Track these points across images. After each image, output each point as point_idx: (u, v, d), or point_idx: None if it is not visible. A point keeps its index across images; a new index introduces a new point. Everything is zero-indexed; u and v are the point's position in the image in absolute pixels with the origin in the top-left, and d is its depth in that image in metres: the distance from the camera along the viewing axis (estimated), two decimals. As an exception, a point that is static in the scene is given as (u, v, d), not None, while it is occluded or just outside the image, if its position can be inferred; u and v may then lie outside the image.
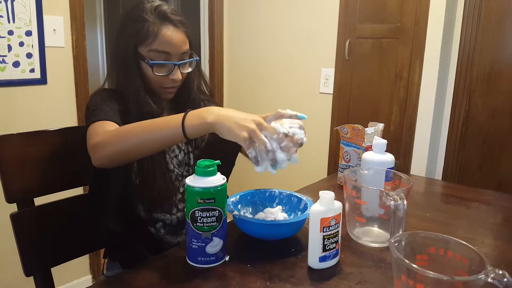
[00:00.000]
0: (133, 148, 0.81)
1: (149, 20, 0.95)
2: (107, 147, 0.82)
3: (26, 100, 1.77)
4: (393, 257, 0.60)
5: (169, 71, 0.98)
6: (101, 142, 0.83)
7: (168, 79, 0.99)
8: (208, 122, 0.76)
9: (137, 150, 0.82)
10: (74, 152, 1.05)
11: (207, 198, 0.73)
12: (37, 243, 0.98)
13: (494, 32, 1.78)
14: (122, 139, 0.81)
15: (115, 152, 0.81)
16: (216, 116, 0.76)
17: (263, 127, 0.76)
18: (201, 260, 0.76)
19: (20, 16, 1.70)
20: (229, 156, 1.16)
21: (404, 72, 1.98)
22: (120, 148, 0.81)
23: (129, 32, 0.96)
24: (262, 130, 0.76)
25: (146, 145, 0.81)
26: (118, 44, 1.00)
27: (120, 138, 0.82)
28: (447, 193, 1.27)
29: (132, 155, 0.84)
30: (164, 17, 0.96)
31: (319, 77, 2.30)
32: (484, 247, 0.87)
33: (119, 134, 0.82)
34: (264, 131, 0.76)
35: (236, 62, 2.68)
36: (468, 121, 1.89)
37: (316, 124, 2.35)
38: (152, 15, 0.96)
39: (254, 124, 0.75)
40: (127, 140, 0.81)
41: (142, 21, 0.95)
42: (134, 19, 0.96)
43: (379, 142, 0.99)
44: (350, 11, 2.11)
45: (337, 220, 0.75)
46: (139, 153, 0.84)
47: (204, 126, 0.77)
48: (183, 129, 0.77)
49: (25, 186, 0.97)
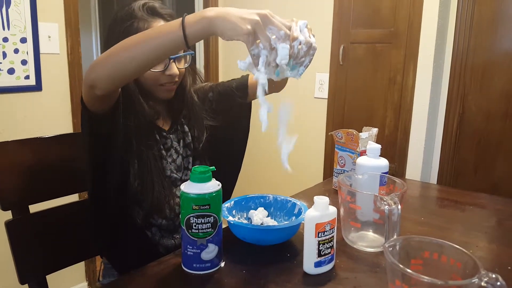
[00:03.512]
0: (133, 58, 0.74)
1: (138, 17, 0.93)
2: (107, 62, 0.76)
3: (21, 107, 1.77)
4: (387, 262, 0.60)
5: (164, 67, 0.95)
6: (98, 60, 0.77)
7: (164, 75, 0.96)
8: (208, 16, 0.69)
9: (137, 61, 0.75)
10: (69, 159, 1.05)
11: (202, 205, 0.73)
12: (32, 251, 0.98)
13: (487, 35, 1.80)
14: (120, 50, 0.75)
15: (116, 65, 0.75)
16: (216, 11, 0.70)
17: (269, 20, 0.70)
18: (196, 266, 0.75)
19: (15, 23, 1.70)
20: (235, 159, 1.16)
21: (398, 76, 2.00)
22: (119, 60, 0.75)
23: (118, 32, 0.93)
24: (268, 24, 0.70)
25: (145, 53, 0.74)
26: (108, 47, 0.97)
27: (118, 50, 0.76)
28: (442, 197, 1.28)
29: (132, 67, 0.76)
30: (153, 12, 0.94)
31: (313, 82, 2.31)
32: (479, 251, 0.88)
33: (117, 46, 0.76)
34: (270, 25, 0.70)
35: (231, 67, 2.69)
36: (462, 124, 1.91)
37: (311, 128, 2.36)
38: (140, 11, 0.94)
39: (258, 16, 0.69)
40: (126, 50, 0.75)
41: (131, 18, 0.93)
42: (122, 19, 0.94)
43: (373, 147, 1.00)
44: (344, 16, 2.13)
45: (332, 225, 0.75)
46: (139, 64, 0.76)
47: (203, 22, 0.70)
48: (183, 29, 0.70)
49: (20, 193, 0.96)
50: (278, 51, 0.69)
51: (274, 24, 0.70)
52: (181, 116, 1.08)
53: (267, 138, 2.56)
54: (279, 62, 0.70)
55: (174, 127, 1.06)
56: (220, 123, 1.12)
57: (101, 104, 0.85)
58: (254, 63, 0.71)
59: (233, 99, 1.13)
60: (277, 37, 0.70)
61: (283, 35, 0.70)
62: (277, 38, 0.69)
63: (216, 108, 1.14)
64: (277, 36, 0.70)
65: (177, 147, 1.05)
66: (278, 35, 0.70)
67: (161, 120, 1.05)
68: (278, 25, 0.70)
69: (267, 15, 0.70)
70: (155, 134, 1.01)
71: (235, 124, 1.17)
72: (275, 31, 0.70)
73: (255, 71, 0.72)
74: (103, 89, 0.78)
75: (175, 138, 1.05)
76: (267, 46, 0.69)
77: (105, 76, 0.76)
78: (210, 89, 1.15)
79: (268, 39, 0.69)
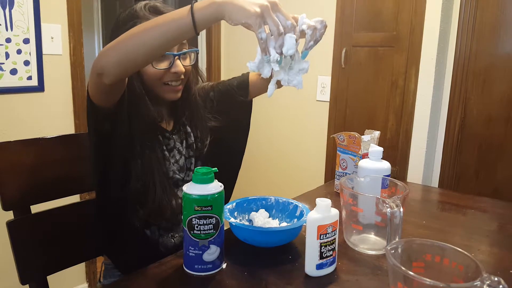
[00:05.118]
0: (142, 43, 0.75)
1: (140, 16, 0.93)
2: (116, 48, 0.76)
3: (23, 108, 1.78)
4: (389, 264, 0.60)
5: (170, 64, 0.94)
6: (107, 47, 0.77)
7: (169, 73, 0.95)
8: (217, 1, 0.70)
9: (146, 47, 0.75)
10: (71, 160, 1.06)
11: (204, 206, 0.73)
12: (33, 251, 0.98)
13: (489, 40, 1.80)
14: (129, 37, 0.75)
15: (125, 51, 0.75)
16: None
17: (278, 8, 0.70)
18: (198, 268, 0.75)
19: (18, 24, 1.71)
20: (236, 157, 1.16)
21: (400, 80, 2.00)
22: (129, 46, 0.75)
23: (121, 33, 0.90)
24: (276, 11, 0.70)
25: (155, 39, 0.74)
26: None
27: (127, 36, 0.76)
28: (443, 200, 1.28)
29: (141, 53, 0.76)
30: (156, 11, 0.94)
31: (315, 85, 2.31)
32: (480, 254, 0.87)
33: (126, 33, 0.76)
34: (278, 12, 0.70)
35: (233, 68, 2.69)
36: (463, 128, 1.91)
37: (313, 131, 2.36)
38: (142, 11, 0.94)
39: (267, 1, 0.69)
40: (136, 36, 0.75)
41: (134, 18, 0.93)
42: (125, 20, 0.94)
43: (375, 150, 1.00)
44: (346, 19, 2.13)
45: (334, 227, 0.75)
46: (148, 50, 0.76)
47: (212, 7, 0.70)
48: (192, 14, 0.71)
49: (22, 193, 0.96)
50: (285, 41, 0.70)
51: (282, 12, 0.71)
52: (184, 117, 1.08)
53: (268, 140, 2.57)
54: (286, 52, 0.70)
55: (177, 128, 1.06)
56: (222, 123, 1.12)
57: (106, 97, 0.85)
58: (261, 48, 0.71)
59: (235, 97, 1.13)
60: (284, 26, 0.70)
61: (289, 25, 0.71)
62: (284, 27, 0.70)
63: (218, 107, 1.14)
64: (284, 26, 0.70)
65: (180, 148, 1.05)
66: (285, 24, 0.70)
67: (164, 121, 1.05)
68: (286, 14, 0.71)
69: (276, 2, 0.70)
70: (158, 135, 1.01)
71: (236, 123, 1.17)
72: (283, 20, 0.70)
73: (266, 70, 0.73)
74: (111, 77, 0.78)
75: (178, 138, 1.06)
76: (275, 30, 0.69)
77: (114, 63, 0.76)
78: (211, 89, 1.15)
79: (277, 23, 0.69)
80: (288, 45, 0.70)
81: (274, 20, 0.69)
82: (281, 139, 2.51)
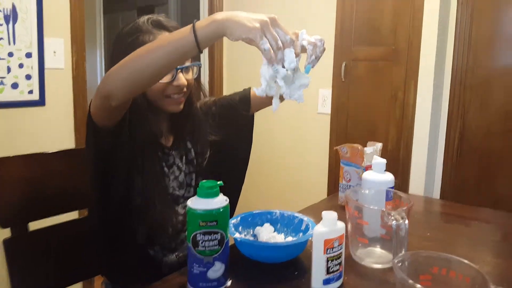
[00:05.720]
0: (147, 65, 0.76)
1: (143, 30, 0.93)
2: (122, 71, 0.77)
3: (24, 122, 1.78)
4: (397, 278, 0.60)
5: (172, 77, 0.95)
6: (112, 70, 0.78)
7: (171, 86, 0.95)
8: (218, 19, 0.71)
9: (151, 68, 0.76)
10: (71, 175, 1.04)
11: (210, 221, 0.71)
12: (29, 270, 0.95)
13: (485, 53, 1.83)
14: (134, 59, 0.76)
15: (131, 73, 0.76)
16: (225, 14, 0.72)
17: (277, 23, 0.72)
18: (202, 285, 0.74)
19: (21, 38, 1.72)
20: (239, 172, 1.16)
21: (400, 93, 2.01)
22: (134, 68, 0.76)
23: (124, 46, 0.93)
24: (276, 27, 0.72)
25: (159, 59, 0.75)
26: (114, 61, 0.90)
27: (131, 59, 0.77)
28: (446, 211, 1.28)
29: (147, 74, 0.77)
30: (158, 25, 0.95)
31: (316, 98, 2.33)
32: (486, 266, 0.87)
33: (130, 56, 0.77)
34: (277, 27, 0.72)
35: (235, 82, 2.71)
36: (463, 141, 1.92)
37: (314, 143, 2.36)
38: (145, 25, 0.94)
39: (266, 17, 0.71)
40: (140, 57, 0.76)
41: (136, 32, 0.93)
42: (128, 34, 0.94)
43: (379, 162, 1.00)
44: (345, 34, 2.16)
45: (340, 241, 0.74)
46: (153, 71, 0.77)
47: (213, 25, 0.72)
48: (194, 33, 0.72)
49: (21, 209, 0.95)
50: (285, 55, 0.72)
51: (281, 27, 0.72)
52: (185, 131, 1.08)
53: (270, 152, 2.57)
54: (288, 66, 0.72)
55: (176, 143, 1.06)
56: (223, 138, 1.12)
57: (109, 117, 0.85)
58: (266, 58, 0.72)
59: (237, 112, 1.14)
60: (283, 41, 0.72)
61: (288, 39, 0.72)
62: (283, 42, 0.72)
63: (220, 122, 1.14)
64: (283, 40, 0.72)
65: (179, 164, 1.05)
66: (284, 39, 0.72)
67: (163, 137, 1.04)
68: (285, 30, 0.73)
69: (275, 18, 0.72)
70: (158, 152, 1.01)
71: (238, 137, 1.18)
72: (282, 35, 0.72)
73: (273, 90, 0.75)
74: (119, 99, 0.79)
75: (177, 154, 1.05)
76: (274, 45, 0.70)
77: (121, 86, 0.77)
78: (214, 103, 1.16)
79: (275, 37, 0.70)
80: (289, 59, 0.72)
81: (273, 35, 0.71)
82: (283, 151, 2.52)
